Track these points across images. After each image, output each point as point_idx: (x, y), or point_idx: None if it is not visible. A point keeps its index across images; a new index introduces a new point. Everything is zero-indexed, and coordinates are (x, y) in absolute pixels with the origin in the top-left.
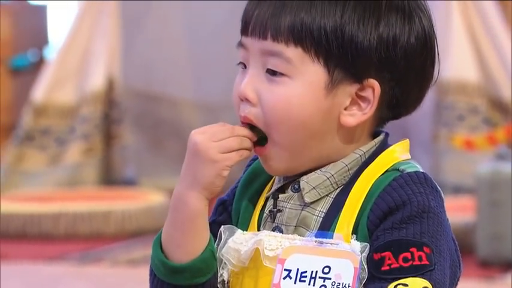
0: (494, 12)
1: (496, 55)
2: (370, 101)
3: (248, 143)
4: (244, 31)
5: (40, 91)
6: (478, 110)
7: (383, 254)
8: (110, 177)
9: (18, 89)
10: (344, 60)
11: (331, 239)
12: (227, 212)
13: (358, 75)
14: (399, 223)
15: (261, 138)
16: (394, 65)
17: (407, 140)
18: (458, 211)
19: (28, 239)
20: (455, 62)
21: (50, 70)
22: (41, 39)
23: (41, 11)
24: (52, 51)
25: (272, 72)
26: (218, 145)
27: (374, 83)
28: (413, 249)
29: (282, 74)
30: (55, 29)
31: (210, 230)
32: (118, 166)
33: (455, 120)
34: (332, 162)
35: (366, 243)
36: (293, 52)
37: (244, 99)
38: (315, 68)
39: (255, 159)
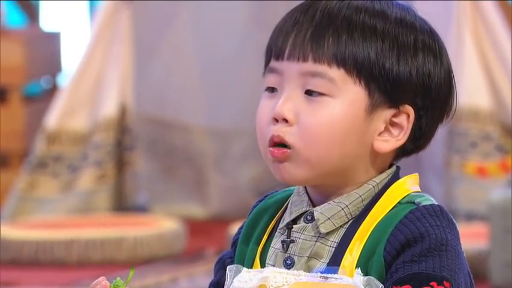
0: (507, 39)
1: (508, 82)
2: (403, 128)
3: None
4: (278, 56)
5: (53, 118)
6: (491, 136)
7: (404, 287)
8: (122, 204)
9: (31, 116)
10: (384, 84)
11: (335, 274)
12: (223, 269)
13: (396, 100)
14: (418, 256)
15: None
16: (428, 93)
17: (417, 174)
18: (471, 238)
19: (40, 266)
20: (468, 88)
21: (63, 97)
22: (54, 67)
23: (54, 38)
24: (65, 79)
25: (312, 93)
26: None
27: (409, 109)
28: (433, 283)
29: (322, 94)
30: (68, 56)
31: None
32: (130, 193)
33: (467, 147)
34: (345, 185)
35: (369, 277)
36: (335, 73)
37: (281, 120)
38: (356, 90)
39: (260, 200)
